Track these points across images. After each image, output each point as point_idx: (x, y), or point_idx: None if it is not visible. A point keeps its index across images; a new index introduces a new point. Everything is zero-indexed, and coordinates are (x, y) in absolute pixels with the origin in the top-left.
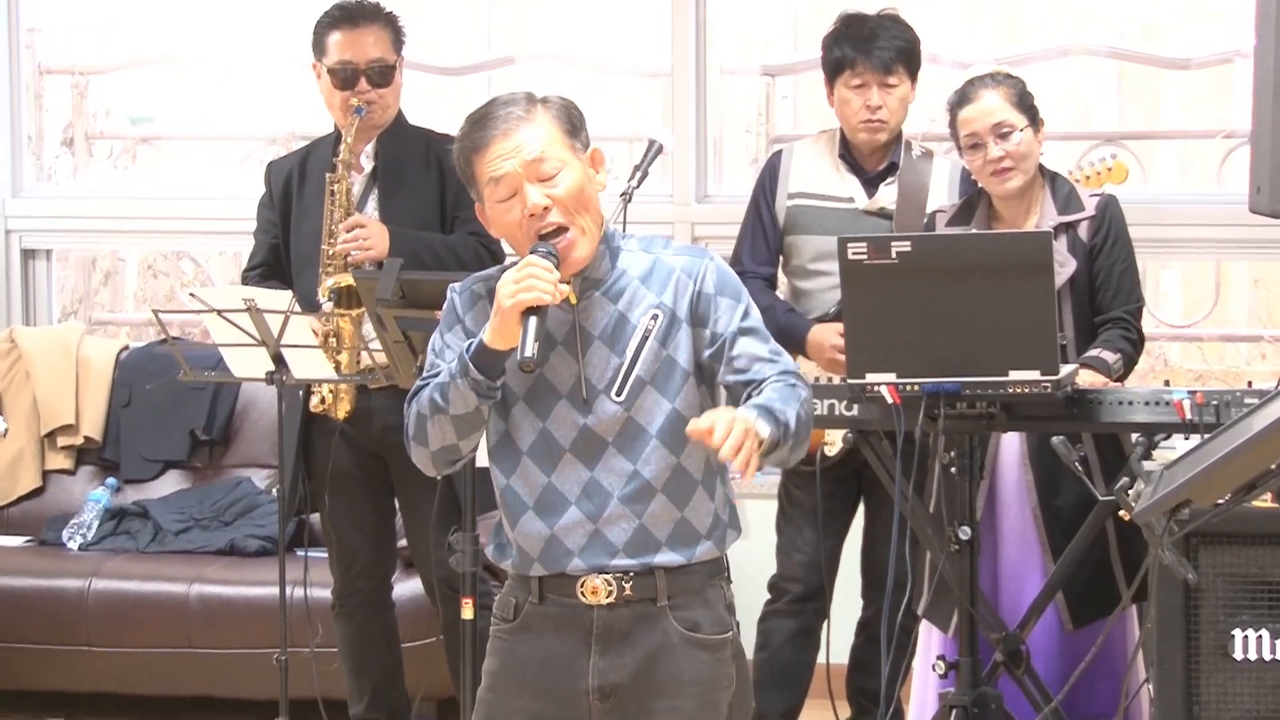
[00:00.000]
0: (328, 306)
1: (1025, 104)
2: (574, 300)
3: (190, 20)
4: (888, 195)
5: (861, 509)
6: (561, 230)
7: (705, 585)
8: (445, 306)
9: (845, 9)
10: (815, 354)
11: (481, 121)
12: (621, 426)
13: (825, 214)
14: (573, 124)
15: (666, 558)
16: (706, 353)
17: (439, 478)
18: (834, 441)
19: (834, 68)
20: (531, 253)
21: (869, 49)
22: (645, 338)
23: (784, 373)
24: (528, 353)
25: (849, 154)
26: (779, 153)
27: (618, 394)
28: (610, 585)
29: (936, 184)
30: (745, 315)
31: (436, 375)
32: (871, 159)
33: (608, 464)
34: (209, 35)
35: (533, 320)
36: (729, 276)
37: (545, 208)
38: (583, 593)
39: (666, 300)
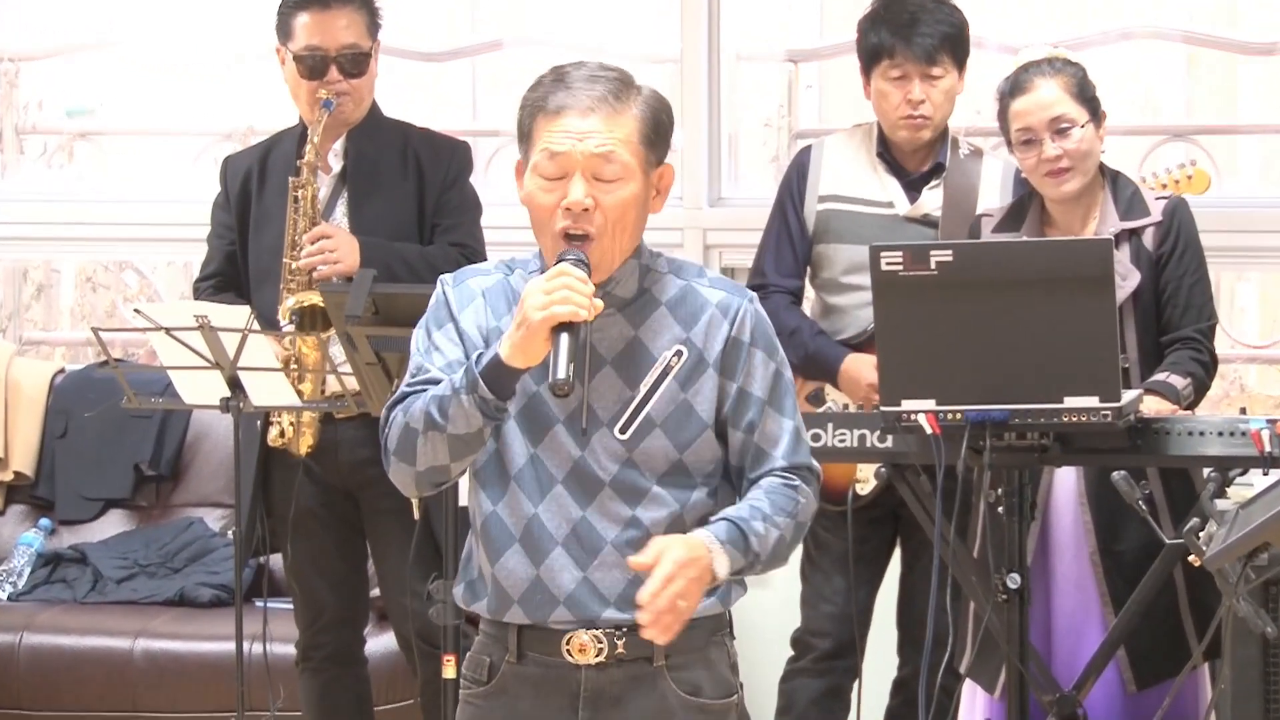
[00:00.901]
0: (289, 329)
1: (1086, 95)
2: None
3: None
4: (932, 200)
5: (898, 554)
6: (586, 239)
7: (707, 642)
8: (434, 299)
9: None
10: (849, 388)
11: (564, 81)
12: (620, 468)
13: (861, 220)
14: (657, 133)
15: None
16: (727, 407)
17: (416, 515)
18: (866, 478)
19: (871, 56)
20: (559, 260)
21: (910, 35)
22: (664, 374)
23: (790, 469)
24: (561, 374)
25: (888, 152)
26: (808, 149)
27: (622, 431)
28: (600, 642)
29: (987, 186)
30: (776, 379)
31: (426, 379)
32: (914, 159)
33: (602, 505)
34: (155, 17)
35: (565, 337)
36: (766, 326)
37: (586, 209)
38: (568, 650)
39: (695, 338)
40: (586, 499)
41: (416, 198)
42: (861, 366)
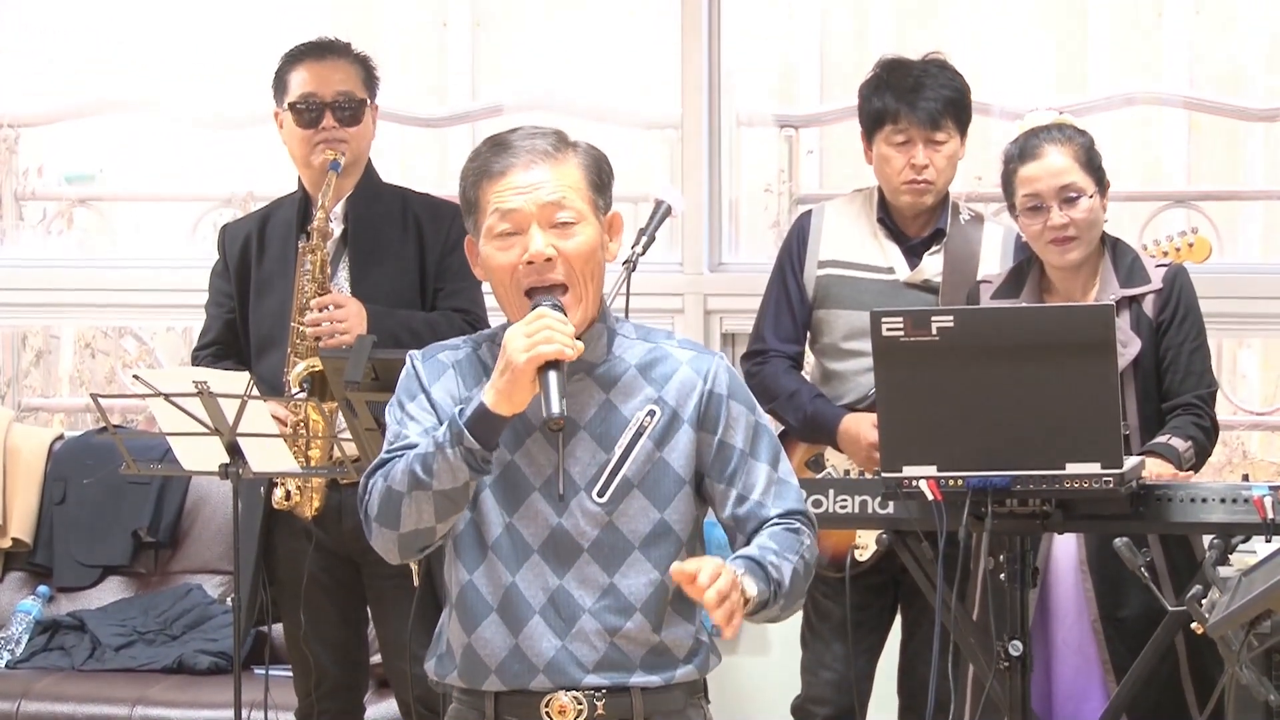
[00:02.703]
0: (300, 396)
1: (1094, 165)
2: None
3: (133, 66)
4: (933, 266)
5: (898, 620)
6: (558, 288)
7: (685, 705)
8: (404, 373)
9: (884, 54)
10: (849, 448)
11: (502, 146)
12: (600, 532)
13: (861, 285)
14: (601, 178)
15: (642, 679)
16: (708, 461)
17: (416, 583)
18: (867, 545)
19: (874, 121)
20: (535, 306)
21: (914, 100)
22: (639, 435)
23: (789, 513)
24: (554, 410)
25: (889, 218)
26: (809, 214)
27: (600, 494)
28: (580, 704)
29: (988, 252)
30: (756, 431)
31: (405, 445)
32: (914, 224)
33: (581, 573)
34: (155, 83)
35: (553, 374)
36: (740, 380)
37: (548, 259)
38: (548, 712)
39: (668, 397)
40: (564, 567)
41: (417, 262)
42: (861, 426)
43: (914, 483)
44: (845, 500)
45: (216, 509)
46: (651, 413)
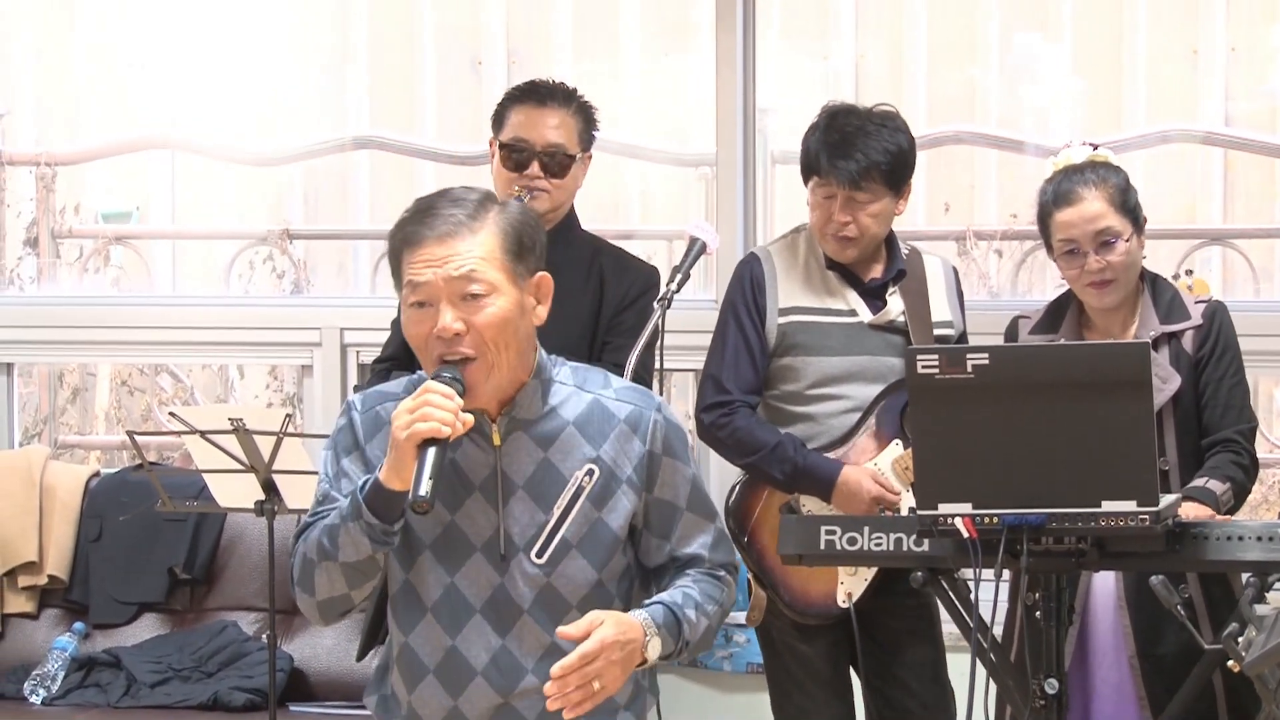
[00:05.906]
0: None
1: (1129, 205)
2: (497, 441)
3: (171, 103)
4: (896, 305)
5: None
6: (469, 360)
7: None
8: (340, 424)
9: (831, 101)
10: (847, 501)
11: (423, 214)
12: (539, 593)
13: (826, 330)
14: (521, 244)
15: None
16: (644, 516)
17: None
18: (855, 577)
19: (804, 170)
20: (434, 378)
21: (835, 158)
22: (577, 495)
23: (718, 566)
24: (420, 491)
25: (838, 264)
26: (755, 260)
27: (539, 555)
28: None
29: (934, 287)
30: (694, 486)
31: (331, 508)
32: (862, 267)
33: (521, 633)
34: (191, 121)
35: (431, 453)
36: (678, 433)
37: (456, 333)
38: None
39: (606, 455)
40: (505, 627)
41: (593, 312)
42: (862, 479)
43: (949, 520)
44: (880, 538)
45: (252, 546)
46: (590, 472)
